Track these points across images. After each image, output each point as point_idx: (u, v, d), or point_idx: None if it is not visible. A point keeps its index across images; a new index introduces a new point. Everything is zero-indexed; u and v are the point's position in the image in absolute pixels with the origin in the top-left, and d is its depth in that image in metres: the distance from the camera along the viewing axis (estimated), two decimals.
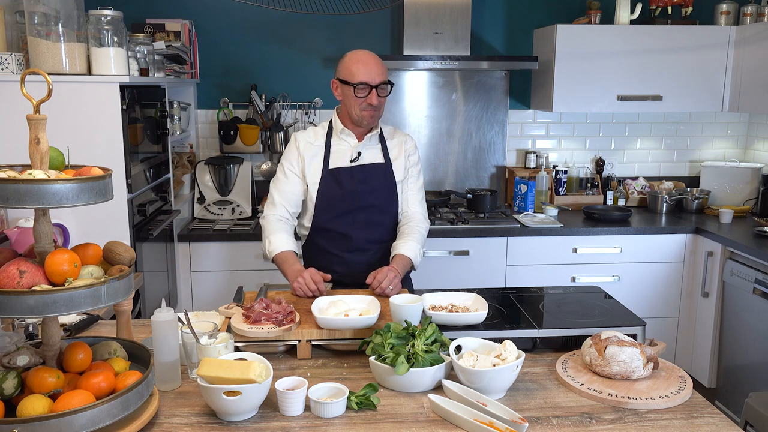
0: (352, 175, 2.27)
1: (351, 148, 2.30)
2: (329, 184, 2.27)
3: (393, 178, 2.32)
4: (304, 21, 3.65)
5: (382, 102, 2.23)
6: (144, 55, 2.70)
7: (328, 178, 2.27)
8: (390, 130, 2.41)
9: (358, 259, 2.29)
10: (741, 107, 3.54)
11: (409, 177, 2.38)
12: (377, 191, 2.29)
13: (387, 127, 2.41)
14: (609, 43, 3.51)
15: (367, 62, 2.20)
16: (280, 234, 2.25)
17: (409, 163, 2.38)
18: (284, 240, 2.23)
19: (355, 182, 2.27)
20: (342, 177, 2.27)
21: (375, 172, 2.30)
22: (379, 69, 2.20)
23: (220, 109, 3.69)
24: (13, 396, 1.25)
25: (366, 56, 2.22)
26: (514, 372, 1.46)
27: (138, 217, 2.60)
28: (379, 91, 2.20)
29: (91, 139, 2.36)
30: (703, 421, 1.39)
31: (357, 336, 1.67)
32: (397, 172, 2.33)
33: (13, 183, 1.17)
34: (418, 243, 2.26)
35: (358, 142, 2.31)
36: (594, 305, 1.92)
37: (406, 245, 2.23)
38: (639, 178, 3.96)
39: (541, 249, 3.37)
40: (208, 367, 1.36)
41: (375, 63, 2.21)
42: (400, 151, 2.36)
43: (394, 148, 2.36)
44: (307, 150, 2.29)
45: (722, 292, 3.27)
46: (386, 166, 2.32)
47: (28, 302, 1.17)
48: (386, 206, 2.32)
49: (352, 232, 2.28)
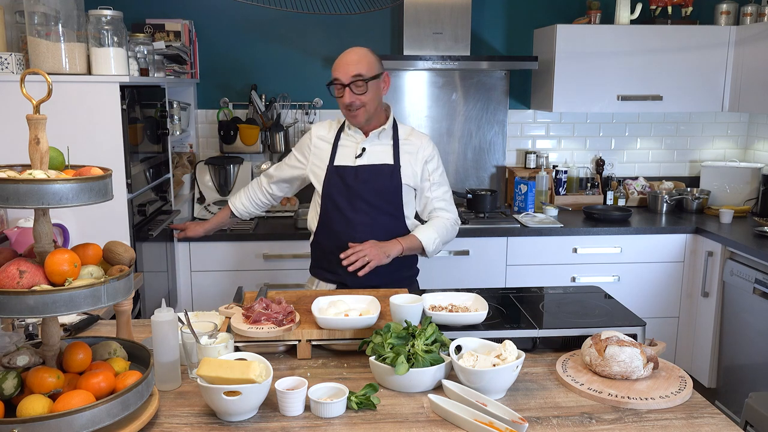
0: (356, 174, 2.22)
1: (356, 144, 2.25)
2: (334, 181, 2.23)
3: (400, 181, 2.24)
4: (304, 21, 3.65)
5: (360, 99, 2.12)
6: (144, 55, 2.70)
7: (333, 176, 2.23)
8: (407, 131, 2.31)
9: None
10: (741, 107, 3.54)
11: (431, 185, 2.30)
12: (381, 192, 2.23)
13: (405, 126, 2.33)
14: (609, 43, 3.51)
15: (341, 58, 2.12)
16: (242, 195, 2.53)
17: (428, 172, 2.29)
18: (238, 201, 2.53)
19: (358, 182, 2.21)
20: (346, 175, 2.22)
21: (380, 172, 2.23)
22: (351, 65, 2.09)
23: (220, 109, 3.69)
24: (13, 396, 1.25)
25: (345, 53, 2.14)
26: (514, 372, 1.46)
27: (138, 217, 2.60)
28: (353, 88, 2.10)
29: (91, 139, 2.36)
30: (703, 421, 1.39)
31: (357, 336, 1.67)
32: (406, 177, 2.25)
33: (13, 183, 1.17)
34: (435, 231, 2.24)
35: (364, 138, 2.25)
36: (594, 305, 1.92)
37: (422, 229, 2.23)
38: (639, 178, 3.96)
39: (541, 249, 3.37)
40: (208, 367, 1.36)
41: (349, 58, 2.11)
42: (415, 157, 2.27)
43: (407, 152, 2.27)
44: (318, 143, 2.28)
45: (722, 292, 3.27)
46: (394, 168, 2.24)
47: (28, 302, 1.17)
48: (390, 209, 2.25)
49: (354, 234, 2.22)
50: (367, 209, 2.23)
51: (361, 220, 2.23)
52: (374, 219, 2.24)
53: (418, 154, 2.28)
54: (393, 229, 2.27)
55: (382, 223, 2.25)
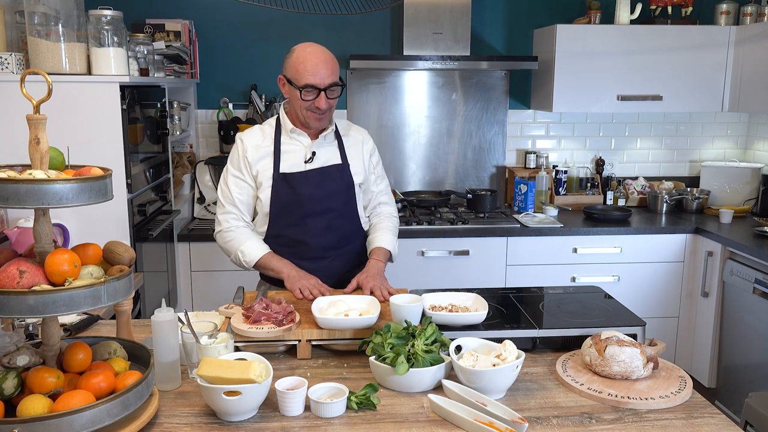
0: (308, 178, 2.10)
1: (305, 149, 2.13)
2: (282, 189, 2.10)
3: (351, 180, 2.16)
4: (304, 21, 3.65)
5: (332, 104, 2.05)
6: (144, 55, 2.70)
7: (281, 183, 2.10)
8: (344, 125, 2.23)
9: (314, 267, 2.13)
10: (741, 107, 3.54)
11: (376, 179, 2.27)
12: (334, 195, 2.14)
13: (341, 121, 2.24)
14: (609, 43, 3.51)
15: (314, 62, 1.99)
16: (250, 240, 2.13)
17: (372, 165, 2.25)
18: (258, 244, 2.13)
19: (310, 186, 2.11)
20: (296, 181, 2.10)
21: (331, 174, 2.13)
22: (328, 70, 2.00)
23: (220, 109, 3.69)
24: (13, 396, 1.25)
25: (314, 54, 2.01)
26: (514, 372, 1.46)
27: (138, 217, 2.60)
28: (328, 93, 2.02)
29: (91, 139, 2.36)
30: (703, 421, 1.39)
31: (357, 336, 1.67)
32: (355, 175, 2.17)
33: (13, 183, 1.17)
34: (394, 235, 2.22)
35: (312, 141, 2.13)
36: (594, 305, 1.92)
37: (384, 237, 2.18)
38: (639, 178, 3.96)
39: (541, 249, 3.37)
40: (208, 367, 1.36)
41: (323, 62, 2.00)
42: (359, 152, 2.21)
43: (351, 147, 2.20)
44: (254, 153, 2.11)
45: (722, 292, 3.27)
46: (343, 167, 2.16)
47: (28, 302, 1.17)
48: (343, 210, 2.17)
49: (308, 239, 2.14)
50: (321, 213, 2.14)
51: (316, 224, 2.14)
52: (329, 222, 2.15)
53: (362, 148, 2.22)
54: (347, 230, 2.21)
55: (336, 225, 2.17)
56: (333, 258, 2.19)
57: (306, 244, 2.15)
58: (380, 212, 2.30)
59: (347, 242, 2.22)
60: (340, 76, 2.07)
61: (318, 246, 2.16)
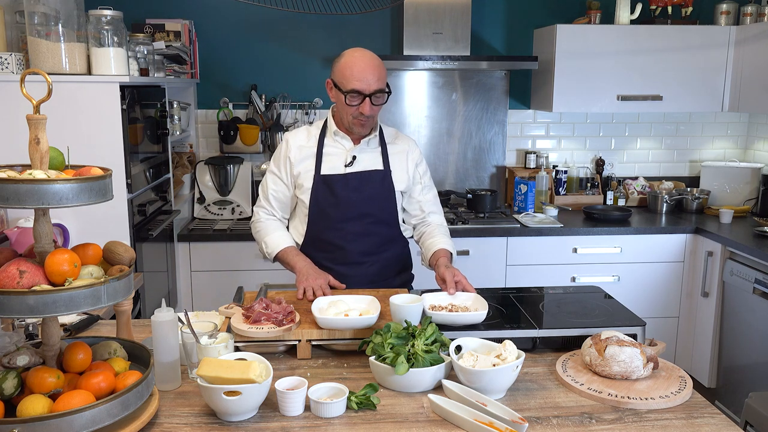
0: (347, 182, 2.11)
1: (346, 152, 2.14)
2: (321, 191, 2.12)
3: (392, 186, 2.16)
4: (304, 21, 3.65)
5: (376, 111, 2.04)
6: (144, 55, 2.70)
7: (320, 185, 2.12)
8: (392, 133, 2.23)
9: (352, 272, 2.13)
10: (741, 107, 3.54)
11: (423, 188, 2.24)
12: (372, 200, 2.13)
13: (389, 129, 2.25)
14: (609, 43, 3.51)
15: (362, 67, 1.98)
16: (276, 233, 2.17)
17: (418, 174, 2.23)
18: (281, 237, 2.16)
19: (349, 190, 2.11)
20: (335, 184, 2.11)
21: (371, 179, 2.13)
22: (375, 75, 1.99)
23: (220, 109, 3.69)
24: (13, 396, 1.25)
25: (361, 59, 2.00)
26: (514, 372, 1.46)
27: (138, 217, 2.60)
28: (373, 99, 2.01)
29: (91, 139, 2.36)
30: (703, 421, 1.39)
31: (357, 336, 1.67)
32: (397, 182, 2.17)
33: (13, 183, 1.17)
34: (450, 240, 2.19)
35: (354, 145, 2.15)
36: (594, 305, 1.92)
37: (444, 240, 2.15)
38: (639, 178, 3.96)
39: (541, 249, 3.37)
40: (208, 367, 1.36)
41: (371, 68, 1.99)
42: (404, 160, 2.20)
43: (395, 155, 2.19)
44: (297, 154, 2.14)
45: (722, 292, 3.27)
46: (385, 173, 2.15)
47: (28, 302, 1.17)
48: (383, 216, 2.17)
49: (346, 244, 2.14)
50: (359, 218, 2.14)
51: (353, 229, 2.14)
52: (367, 227, 2.15)
53: (407, 157, 2.21)
54: (386, 236, 2.20)
55: (375, 231, 2.17)
56: (371, 264, 2.18)
57: (343, 249, 2.15)
58: (431, 221, 2.27)
59: (385, 248, 2.20)
60: (387, 82, 2.06)
61: (355, 251, 2.15)
